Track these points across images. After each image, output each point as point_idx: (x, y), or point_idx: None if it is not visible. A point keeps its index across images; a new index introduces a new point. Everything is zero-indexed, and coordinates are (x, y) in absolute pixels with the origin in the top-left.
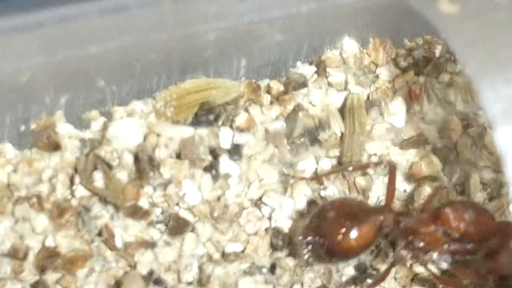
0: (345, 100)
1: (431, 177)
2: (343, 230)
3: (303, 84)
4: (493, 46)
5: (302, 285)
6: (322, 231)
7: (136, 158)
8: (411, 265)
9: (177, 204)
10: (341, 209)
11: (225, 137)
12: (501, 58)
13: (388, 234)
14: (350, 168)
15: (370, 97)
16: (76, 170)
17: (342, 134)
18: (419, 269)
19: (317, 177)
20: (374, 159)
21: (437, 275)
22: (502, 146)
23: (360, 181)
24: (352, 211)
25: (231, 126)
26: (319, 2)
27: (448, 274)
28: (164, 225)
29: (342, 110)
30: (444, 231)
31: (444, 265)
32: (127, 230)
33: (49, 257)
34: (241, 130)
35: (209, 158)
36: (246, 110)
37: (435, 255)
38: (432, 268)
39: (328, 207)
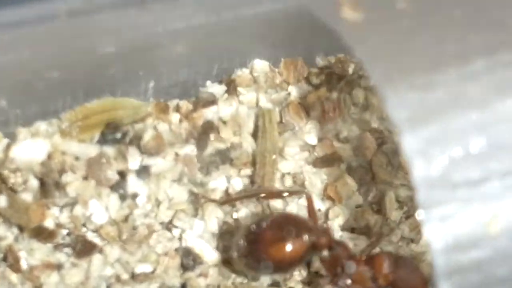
0: (257, 118)
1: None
2: (276, 241)
3: (213, 102)
4: (397, 53)
5: None
6: (256, 239)
7: (41, 178)
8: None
9: (84, 225)
10: (280, 222)
11: (133, 157)
12: (405, 64)
13: (319, 257)
14: (263, 195)
15: (283, 115)
16: None
17: (254, 152)
18: None
19: (228, 201)
20: (288, 178)
21: None
22: (408, 152)
23: (274, 203)
24: (289, 226)
25: (138, 146)
26: (218, 15)
27: None
28: (71, 248)
29: (254, 129)
30: (373, 275)
31: None
32: (32, 254)
33: None
34: (149, 150)
35: (116, 177)
36: (155, 128)
37: None
38: None
39: (268, 218)
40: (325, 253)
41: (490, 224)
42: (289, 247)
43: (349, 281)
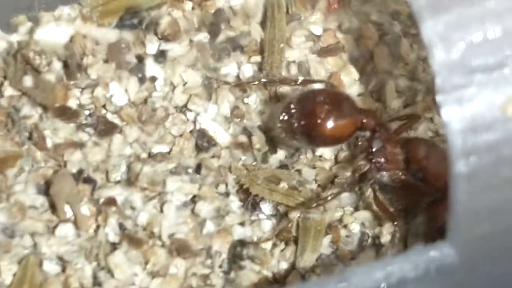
0: (266, 8)
1: None
2: (325, 115)
3: None
4: None
5: (226, 185)
6: (304, 110)
7: (64, 61)
8: (331, 168)
9: (104, 107)
10: (331, 97)
11: (151, 43)
12: None
13: (361, 138)
14: (299, 81)
15: (289, 6)
16: (4, 70)
17: (262, 40)
18: (340, 172)
19: (240, 84)
20: (294, 67)
21: (377, 195)
22: (428, 38)
23: (282, 90)
24: (339, 103)
25: (155, 32)
26: None
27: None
28: (93, 128)
29: (262, 19)
30: (406, 158)
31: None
32: (56, 133)
33: None
34: (165, 36)
35: (135, 61)
36: (169, 15)
37: (386, 177)
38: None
39: (319, 91)
40: (368, 133)
41: (504, 107)
42: (341, 125)
43: (382, 160)
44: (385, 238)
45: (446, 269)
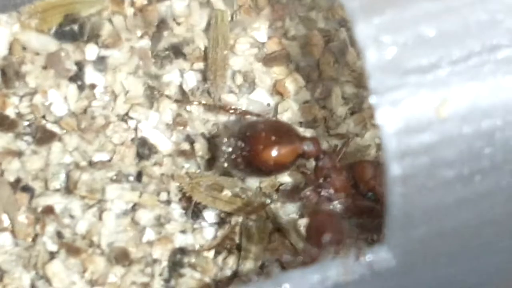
0: (209, 16)
1: None
2: (266, 144)
3: None
4: None
5: (168, 193)
6: (246, 140)
7: (2, 69)
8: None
9: (44, 117)
10: (271, 126)
11: (90, 49)
12: None
13: (304, 166)
14: (238, 111)
15: (234, 14)
16: None
17: (206, 48)
18: (284, 179)
19: (183, 100)
20: (239, 76)
21: None
22: (361, 40)
23: (226, 97)
24: (280, 131)
25: (95, 38)
26: None
27: None
28: (31, 137)
29: (206, 26)
30: (355, 183)
31: None
32: None
33: None
34: (105, 42)
35: (74, 68)
36: (110, 21)
37: (338, 206)
38: None
39: (259, 122)
40: (311, 161)
41: (439, 108)
42: (282, 153)
43: (331, 190)
44: None
45: (383, 273)
